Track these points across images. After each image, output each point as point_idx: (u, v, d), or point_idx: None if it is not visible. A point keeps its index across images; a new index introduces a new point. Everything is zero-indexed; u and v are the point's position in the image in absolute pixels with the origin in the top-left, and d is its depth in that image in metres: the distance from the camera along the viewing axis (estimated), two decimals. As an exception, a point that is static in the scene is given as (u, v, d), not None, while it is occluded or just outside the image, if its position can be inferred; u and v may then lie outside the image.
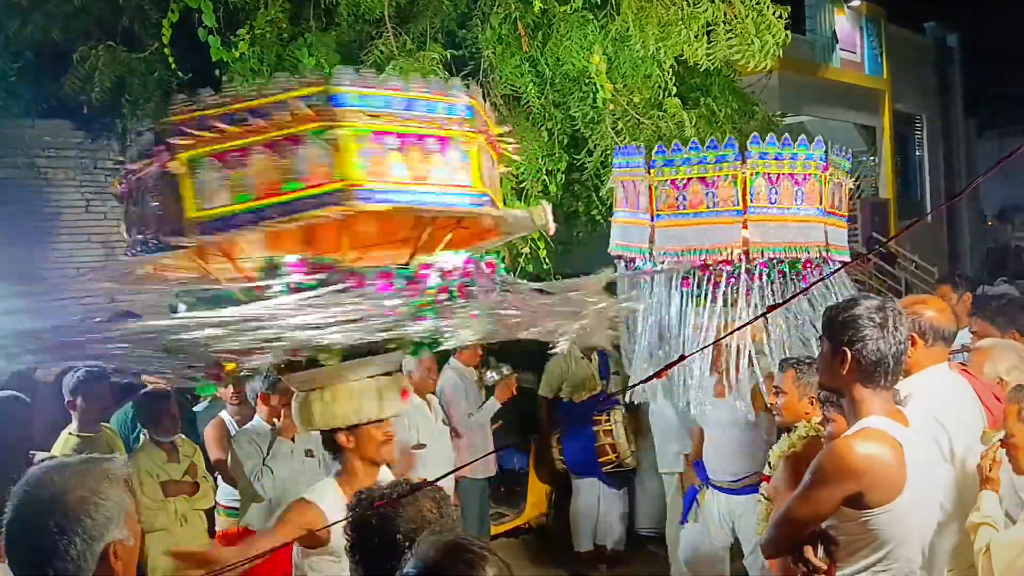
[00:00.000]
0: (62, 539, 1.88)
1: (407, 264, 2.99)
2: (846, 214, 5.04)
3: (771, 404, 4.54)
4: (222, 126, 2.65)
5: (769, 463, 4.22)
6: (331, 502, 3.15)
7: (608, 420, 6.70)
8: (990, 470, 3.22)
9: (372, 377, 3.13)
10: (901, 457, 2.69)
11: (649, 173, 4.61)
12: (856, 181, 18.84)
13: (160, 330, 2.68)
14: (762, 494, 4.35)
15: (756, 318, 4.40)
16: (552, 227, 3.38)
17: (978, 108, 22.68)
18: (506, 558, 1.94)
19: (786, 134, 4.79)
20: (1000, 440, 3.24)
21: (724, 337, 4.59)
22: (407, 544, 2.24)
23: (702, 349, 4.58)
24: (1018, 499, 3.32)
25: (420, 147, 2.80)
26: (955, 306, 5.82)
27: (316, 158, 2.65)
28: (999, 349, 3.99)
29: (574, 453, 6.94)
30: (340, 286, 2.73)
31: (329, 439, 3.28)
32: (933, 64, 20.95)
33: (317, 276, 2.77)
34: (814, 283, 4.59)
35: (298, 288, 2.74)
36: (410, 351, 3.25)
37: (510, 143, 3.27)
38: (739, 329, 4.55)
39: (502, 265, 3.37)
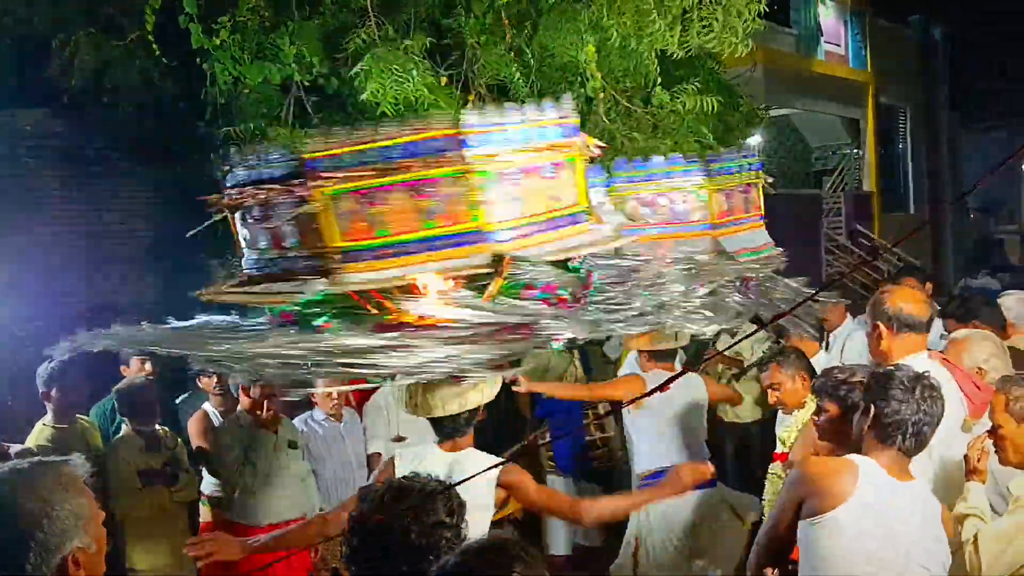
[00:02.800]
0: (15, 553, 1.80)
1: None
2: (750, 215, 5.03)
3: (773, 402, 4.73)
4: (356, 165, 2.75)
5: (782, 441, 4.54)
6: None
7: (597, 413, 6.56)
8: (978, 461, 3.24)
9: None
10: (851, 477, 2.79)
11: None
12: (840, 173, 18.94)
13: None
14: (775, 472, 4.59)
15: (757, 329, 4.45)
16: None
17: (962, 101, 22.80)
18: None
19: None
20: (987, 431, 3.26)
21: (727, 349, 4.63)
22: (416, 552, 2.24)
23: (706, 360, 4.63)
24: (1003, 489, 3.34)
25: (539, 175, 2.93)
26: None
27: (450, 199, 2.76)
28: (976, 340, 4.02)
29: (563, 451, 6.73)
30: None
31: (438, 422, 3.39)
32: (917, 57, 21.05)
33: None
34: (817, 291, 4.60)
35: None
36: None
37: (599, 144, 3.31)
38: (740, 341, 4.65)
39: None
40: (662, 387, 2.52)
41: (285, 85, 5.18)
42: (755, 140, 17.24)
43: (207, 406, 5.58)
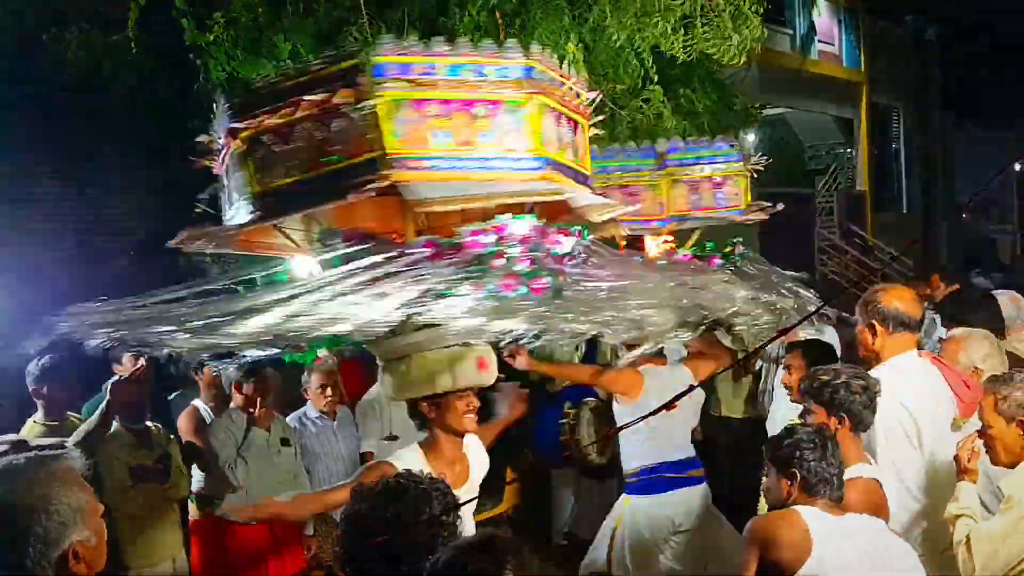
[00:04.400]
0: (15, 549, 1.80)
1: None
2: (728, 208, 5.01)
3: (783, 382, 4.71)
4: (277, 104, 2.76)
5: None
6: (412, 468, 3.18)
7: (575, 413, 6.36)
8: (968, 461, 3.25)
9: (449, 347, 3.10)
10: (804, 531, 2.86)
11: None
12: (833, 173, 18.98)
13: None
14: None
15: (773, 338, 4.41)
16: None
17: (956, 101, 22.84)
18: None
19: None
20: (977, 431, 3.27)
21: (750, 355, 4.58)
22: (410, 551, 2.23)
23: (718, 373, 4.60)
24: (995, 489, 3.35)
25: (466, 112, 2.80)
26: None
27: (354, 130, 2.69)
28: (973, 339, 4.03)
29: (541, 443, 6.75)
30: (390, 253, 2.74)
31: (414, 409, 3.33)
32: (911, 57, 21.09)
33: (365, 246, 2.79)
34: (823, 305, 4.59)
35: (350, 258, 2.76)
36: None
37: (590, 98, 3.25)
38: (763, 348, 4.61)
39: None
40: (668, 405, 2.42)
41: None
42: (749, 139, 17.35)
43: (197, 402, 5.57)
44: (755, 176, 5.27)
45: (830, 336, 6.08)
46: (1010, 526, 3.02)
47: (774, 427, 4.90)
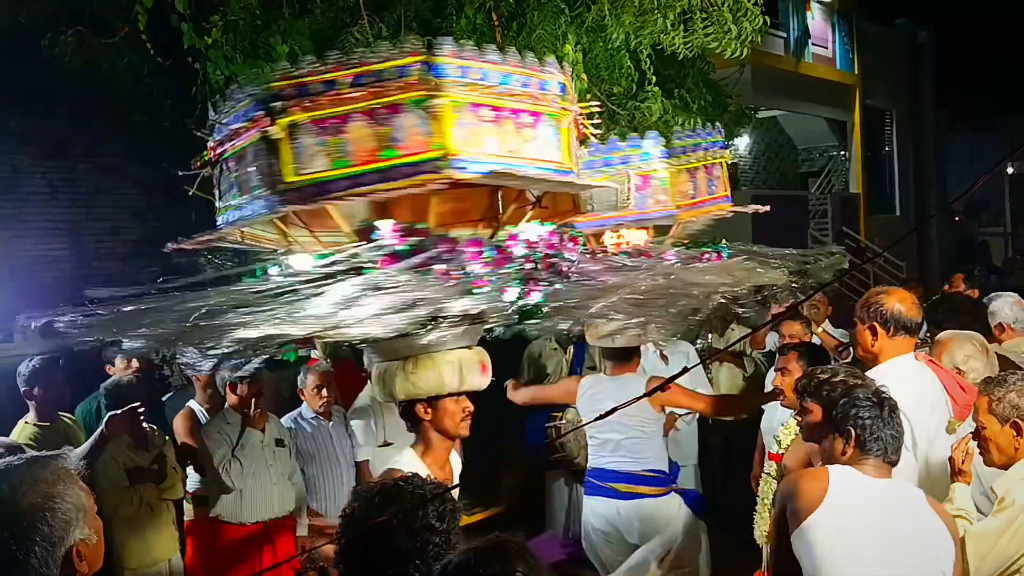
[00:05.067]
0: (20, 549, 1.79)
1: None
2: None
3: (775, 385, 4.69)
4: (322, 93, 2.66)
5: (778, 442, 4.43)
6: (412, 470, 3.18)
7: (560, 416, 6.23)
8: (962, 462, 3.27)
9: (453, 350, 3.10)
10: (821, 482, 2.87)
11: None
12: (826, 175, 19.03)
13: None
14: (768, 473, 4.55)
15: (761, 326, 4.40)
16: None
17: (949, 103, 22.94)
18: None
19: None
20: (971, 432, 3.29)
21: (733, 344, 4.57)
22: (404, 555, 2.22)
23: (703, 362, 4.57)
24: (987, 490, 3.37)
25: (514, 121, 2.83)
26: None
27: (414, 127, 2.67)
28: (957, 340, 4.04)
29: (532, 445, 6.75)
30: (433, 252, 2.74)
31: (408, 410, 3.30)
32: (904, 60, 21.16)
33: (410, 240, 2.78)
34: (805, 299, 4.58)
35: (393, 254, 2.75)
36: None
37: (594, 122, 3.27)
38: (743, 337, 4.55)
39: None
40: (663, 387, 2.43)
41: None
42: (743, 141, 17.41)
43: (193, 403, 5.56)
44: (732, 164, 5.27)
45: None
46: (1004, 527, 3.03)
47: (771, 428, 4.90)
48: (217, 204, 3.13)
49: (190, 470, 5.20)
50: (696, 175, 4.67)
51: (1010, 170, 25.41)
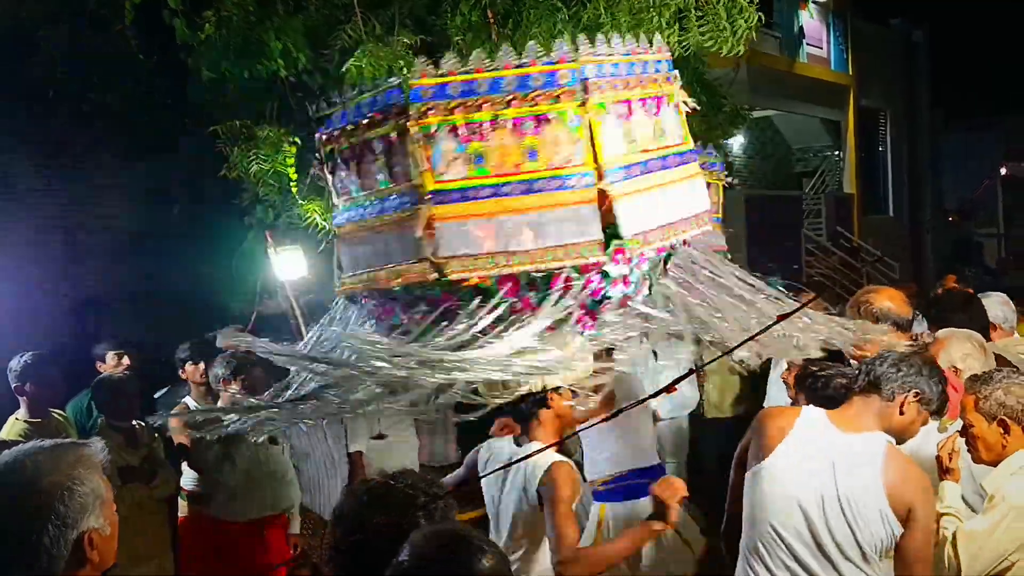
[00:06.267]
0: (34, 526, 1.81)
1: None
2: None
3: (783, 378, 4.78)
4: (462, 98, 2.49)
5: None
6: None
7: None
8: (950, 460, 3.28)
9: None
10: (787, 422, 2.99)
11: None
12: (820, 175, 19.08)
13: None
14: None
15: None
16: None
17: (944, 103, 23.00)
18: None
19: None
20: (959, 430, 3.30)
21: (729, 352, 4.46)
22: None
23: (707, 364, 4.48)
24: (977, 487, 3.38)
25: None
26: None
27: (560, 138, 2.51)
28: (955, 339, 4.06)
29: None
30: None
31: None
32: (899, 59, 21.19)
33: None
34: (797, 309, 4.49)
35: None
36: None
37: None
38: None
39: None
40: (669, 388, 2.34)
41: (271, 81, 5.16)
42: (737, 141, 17.43)
43: (188, 400, 5.56)
44: (728, 186, 5.26)
45: None
46: (994, 524, 3.05)
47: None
48: (334, 201, 2.93)
49: (185, 467, 5.20)
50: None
51: (1004, 171, 25.49)
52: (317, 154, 2.90)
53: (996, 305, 5.17)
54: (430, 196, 2.49)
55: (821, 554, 2.93)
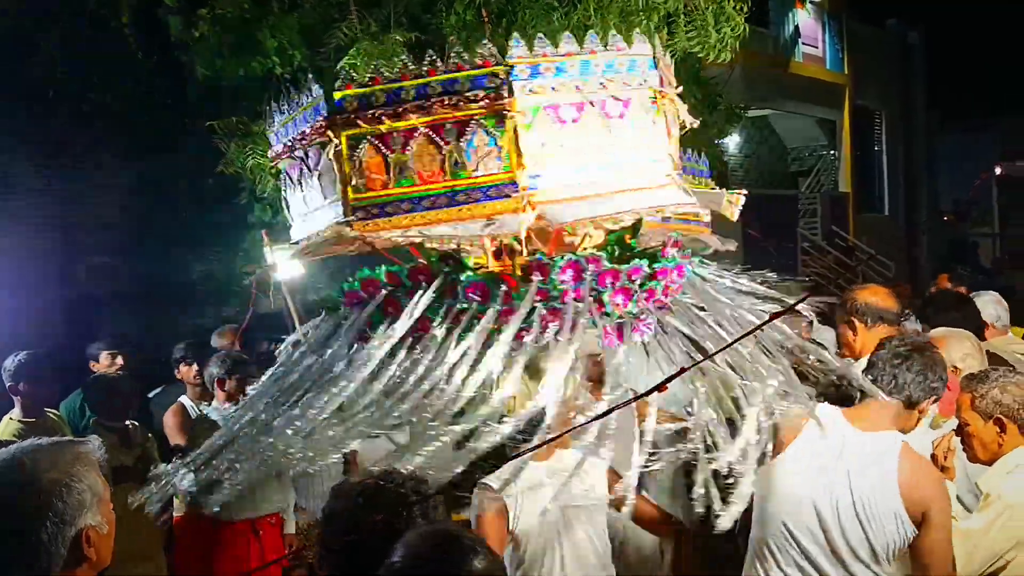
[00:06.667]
0: (32, 522, 1.83)
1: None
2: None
3: None
4: (382, 109, 2.42)
5: None
6: None
7: None
8: (944, 459, 3.29)
9: None
10: (799, 422, 2.96)
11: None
12: (816, 174, 19.09)
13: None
14: None
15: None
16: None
17: (940, 103, 23.04)
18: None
19: None
20: (954, 429, 3.30)
21: (717, 353, 4.40)
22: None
23: (697, 363, 4.46)
24: (972, 486, 3.38)
25: (599, 114, 2.48)
26: None
27: (484, 145, 2.43)
28: (954, 338, 4.06)
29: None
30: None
31: None
32: (894, 60, 21.22)
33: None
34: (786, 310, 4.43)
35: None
36: None
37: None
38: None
39: None
40: (660, 387, 2.26)
41: (266, 78, 5.15)
42: (733, 140, 17.44)
43: (184, 399, 5.55)
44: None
45: (826, 337, 6.10)
46: (989, 523, 3.05)
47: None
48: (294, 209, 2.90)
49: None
50: None
51: (998, 170, 25.54)
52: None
53: (989, 304, 5.19)
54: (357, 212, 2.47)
55: (832, 553, 2.92)
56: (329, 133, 2.48)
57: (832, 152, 19.36)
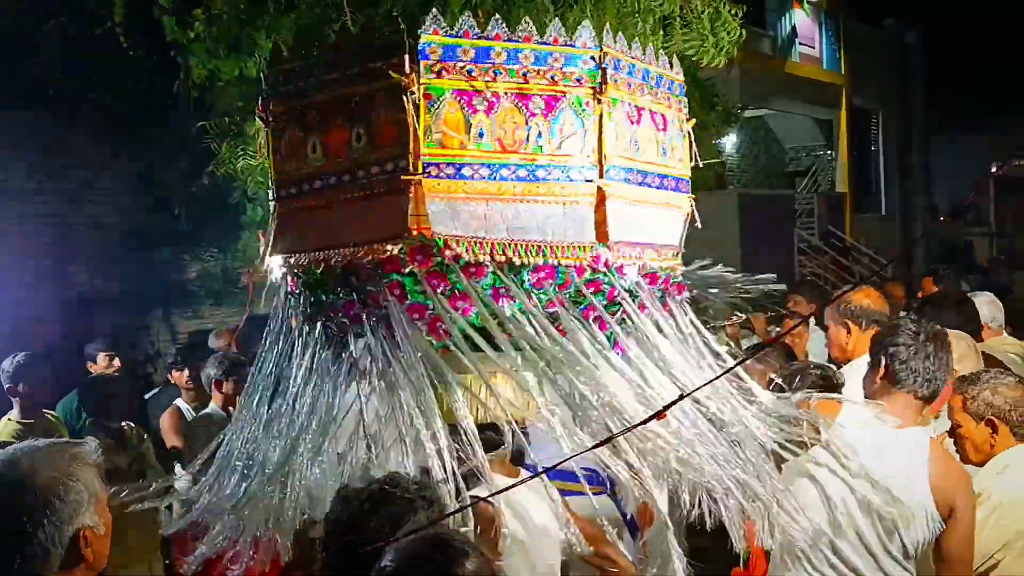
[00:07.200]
0: (29, 522, 1.83)
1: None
2: None
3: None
4: (470, 62, 2.33)
5: None
6: None
7: None
8: None
9: None
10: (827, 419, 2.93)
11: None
12: (812, 174, 19.11)
13: None
14: None
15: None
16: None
17: (938, 103, 23.03)
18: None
19: None
20: (947, 431, 3.31)
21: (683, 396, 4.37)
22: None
23: (708, 383, 4.44)
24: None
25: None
26: None
27: (571, 125, 2.40)
28: (951, 339, 4.07)
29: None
30: None
31: None
32: (892, 60, 21.23)
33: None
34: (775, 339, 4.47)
35: None
36: None
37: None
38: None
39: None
40: (659, 414, 2.18)
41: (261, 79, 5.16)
42: (730, 140, 17.44)
43: (179, 402, 5.54)
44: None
45: (819, 338, 6.11)
46: (981, 522, 3.05)
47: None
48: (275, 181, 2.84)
49: (177, 468, 5.17)
50: None
51: (994, 170, 25.53)
52: (262, 115, 2.72)
53: (984, 304, 5.20)
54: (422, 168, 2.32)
55: (866, 550, 2.91)
56: (404, 79, 2.31)
57: (829, 152, 19.37)
